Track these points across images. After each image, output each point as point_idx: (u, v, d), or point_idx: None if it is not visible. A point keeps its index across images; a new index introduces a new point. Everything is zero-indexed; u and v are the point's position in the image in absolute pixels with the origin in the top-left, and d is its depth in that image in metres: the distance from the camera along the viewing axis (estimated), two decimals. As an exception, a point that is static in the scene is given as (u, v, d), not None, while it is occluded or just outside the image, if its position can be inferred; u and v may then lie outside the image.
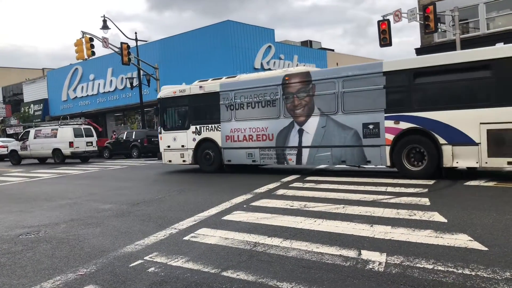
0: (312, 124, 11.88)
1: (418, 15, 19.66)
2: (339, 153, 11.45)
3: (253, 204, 7.86)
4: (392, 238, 5.19)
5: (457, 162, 9.78)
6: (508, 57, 9.13)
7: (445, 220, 5.92)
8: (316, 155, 11.86)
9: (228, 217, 6.86)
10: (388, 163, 10.65)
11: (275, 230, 5.88)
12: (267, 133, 12.83)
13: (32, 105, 42.40)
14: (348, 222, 6.10)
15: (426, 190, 8.51)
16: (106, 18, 24.45)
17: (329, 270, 4.23)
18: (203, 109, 14.31)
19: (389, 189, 8.80)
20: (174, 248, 5.30)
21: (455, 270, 4.04)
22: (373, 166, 11.37)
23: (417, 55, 22.06)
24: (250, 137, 13.19)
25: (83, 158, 25.00)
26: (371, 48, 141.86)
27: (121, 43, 23.92)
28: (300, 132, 12.15)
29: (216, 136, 13.91)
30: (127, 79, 31.07)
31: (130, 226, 6.72)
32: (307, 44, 40.82)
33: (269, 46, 31.18)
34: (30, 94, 43.28)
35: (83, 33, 22.84)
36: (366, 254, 4.63)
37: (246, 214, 7.03)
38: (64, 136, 23.74)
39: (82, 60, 25.90)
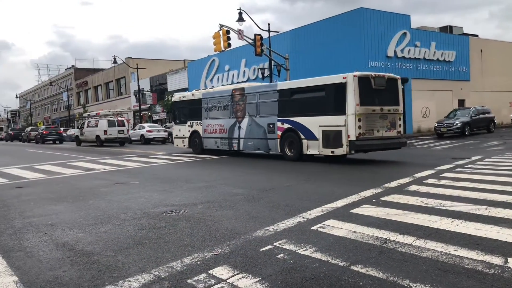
0: (245, 123, 17.04)
1: None
2: (257, 143, 16.60)
3: (383, 199, 7.59)
4: (546, 248, 4.59)
5: (309, 151, 14.43)
6: (330, 83, 13.72)
7: None
8: (246, 144, 17.11)
9: (356, 211, 6.72)
10: (279, 151, 15.61)
11: (407, 227, 5.61)
12: (224, 128, 18.15)
13: (174, 94, 46.27)
14: (491, 225, 5.55)
15: None
16: (241, 11, 25.45)
17: (469, 276, 3.91)
18: (194, 110, 19.90)
19: (543, 192, 7.78)
20: (302, 237, 5.37)
21: None
22: (274, 153, 16.26)
23: None
24: (215, 130, 18.66)
25: (119, 142, 31.32)
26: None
27: (255, 34, 24.78)
28: (239, 128, 17.37)
29: (199, 129, 19.64)
30: (259, 69, 32.10)
31: (260, 211, 6.98)
32: (447, 29, 37.67)
33: (404, 33, 29.59)
34: (173, 83, 47.24)
35: (221, 25, 24.13)
36: (513, 263, 4.16)
37: (376, 208, 6.81)
38: (102, 126, 30.96)
39: (219, 52, 27.44)
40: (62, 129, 50.18)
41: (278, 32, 32.64)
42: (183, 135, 20.67)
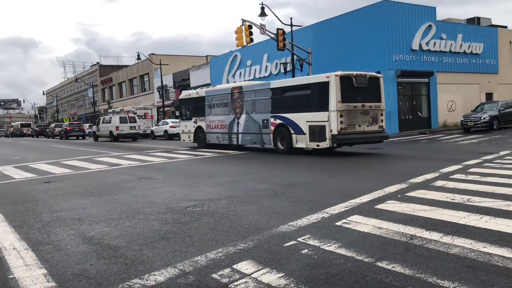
0: (242, 119, 18.29)
1: None
2: (253, 138, 17.86)
3: (409, 194, 7.46)
4: None
5: (298, 144, 15.58)
6: (315, 82, 14.92)
7: None
8: (244, 138, 18.37)
9: (381, 206, 6.64)
10: (272, 145, 16.80)
11: (434, 223, 5.50)
12: (224, 124, 19.41)
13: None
14: (522, 222, 5.40)
15: None
16: (263, 6, 25.35)
17: (499, 274, 3.80)
18: (198, 107, 21.23)
19: None
20: (326, 232, 5.33)
21: None
22: (268, 147, 17.48)
23: None
24: (217, 126, 19.89)
25: (131, 137, 33.51)
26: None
27: (277, 29, 24.65)
28: (238, 124, 18.59)
29: (203, 125, 20.85)
30: (281, 64, 31.98)
31: (283, 207, 6.96)
32: (474, 21, 36.69)
33: (429, 26, 28.95)
34: (195, 79, 47.48)
35: (243, 20, 24.09)
36: (546, 261, 4.04)
37: (401, 204, 6.71)
38: (114, 122, 33.21)
39: (241, 47, 27.42)
40: (88, 125, 51.35)
41: (300, 26, 32.40)
42: (189, 130, 22.04)
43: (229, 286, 3.82)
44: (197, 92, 21.74)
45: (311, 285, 3.77)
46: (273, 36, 25.39)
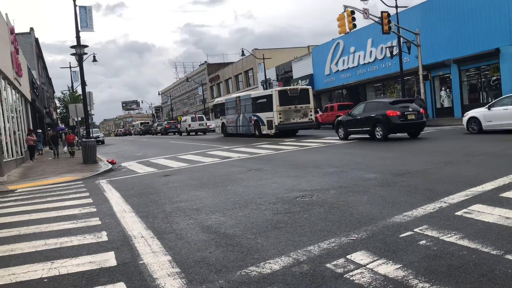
0: (241, 117, 28.84)
1: None
2: (246, 128, 28.25)
3: (540, 181, 6.73)
4: None
5: (263, 132, 25.86)
6: (268, 94, 25.86)
7: None
8: (242, 129, 28.89)
9: (507, 194, 6.08)
10: (253, 132, 27.05)
11: None
12: (233, 120, 30.11)
13: (299, 81, 46.53)
14: None
15: None
16: (365, -11, 24.49)
17: None
18: (222, 109, 32.37)
19: None
20: (445, 223, 5.03)
21: None
22: (253, 133, 27.43)
23: None
24: (230, 122, 30.59)
25: (201, 132, 45.03)
26: None
27: (381, 12, 23.74)
28: (239, 120, 29.23)
29: (225, 121, 31.60)
30: (387, 48, 30.67)
31: (396, 196, 6.71)
32: None
33: (560, -9, 25.62)
34: (298, 70, 47.55)
35: (345, 7, 23.54)
36: None
37: (532, 192, 6.07)
38: (187, 121, 45.87)
39: (343, 34, 26.85)
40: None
41: (406, 7, 30.72)
42: (219, 125, 33.56)
43: (344, 276, 3.79)
44: (221, 99, 34.08)
45: (432, 277, 3.59)
46: (377, 20, 24.48)
